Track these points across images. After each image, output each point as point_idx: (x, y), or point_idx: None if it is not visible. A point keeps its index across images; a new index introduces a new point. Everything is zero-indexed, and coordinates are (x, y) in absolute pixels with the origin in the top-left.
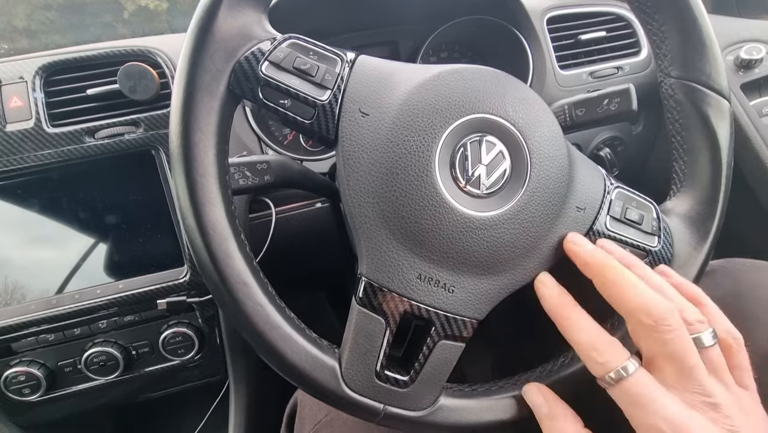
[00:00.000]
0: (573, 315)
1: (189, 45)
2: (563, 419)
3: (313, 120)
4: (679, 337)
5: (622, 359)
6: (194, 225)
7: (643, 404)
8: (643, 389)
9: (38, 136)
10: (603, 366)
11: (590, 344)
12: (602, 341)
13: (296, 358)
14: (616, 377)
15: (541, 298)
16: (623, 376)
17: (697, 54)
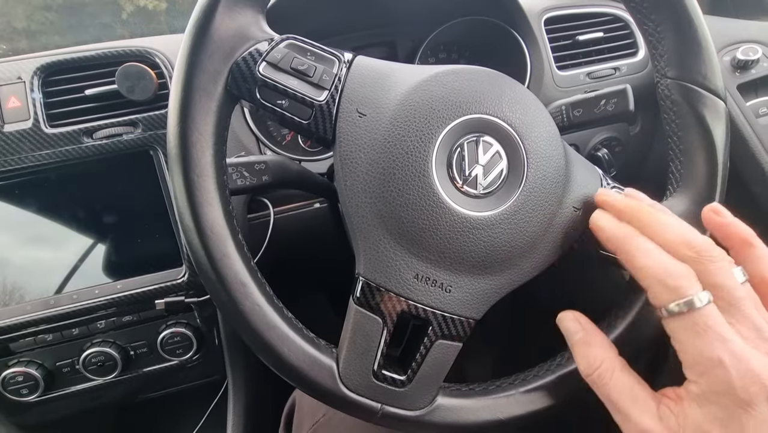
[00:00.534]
0: (639, 241)
1: (186, 46)
2: (599, 348)
3: (311, 120)
4: (724, 268)
5: (697, 288)
6: (192, 225)
7: (710, 336)
8: (713, 322)
9: (36, 136)
10: (675, 291)
11: (663, 268)
12: (676, 267)
13: (294, 358)
14: (686, 306)
15: (598, 232)
16: (694, 306)
17: (693, 55)
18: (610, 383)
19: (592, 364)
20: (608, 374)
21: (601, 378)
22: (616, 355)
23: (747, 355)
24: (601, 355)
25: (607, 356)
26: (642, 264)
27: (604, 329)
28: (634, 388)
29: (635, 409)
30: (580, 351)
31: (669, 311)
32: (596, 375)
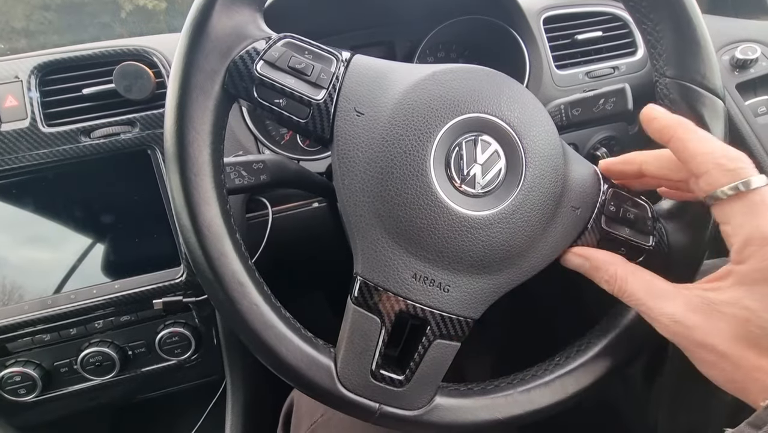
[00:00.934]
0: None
1: (183, 44)
2: (610, 266)
3: (308, 119)
4: None
5: (754, 171)
6: (189, 224)
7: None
8: None
9: (33, 135)
10: (734, 172)
11: (722, 151)
12: (735, 151)
13: (291, 357)
14: (744, 186)
15: (651, 121)
16: (751, 186)
17: (691, 54)
18: (627, 287)
19: (609, 282)
20: (624, 282)
21: (621, 288)
22: (626, 263)
23: None
24: (612, 270)
25: (618, 268)
26: (700, 149)
27: (603, 328)
28: (654, 282)
29: (659, 300)
30: (595, 278)
31: (724, 193)
32: (618, 287)
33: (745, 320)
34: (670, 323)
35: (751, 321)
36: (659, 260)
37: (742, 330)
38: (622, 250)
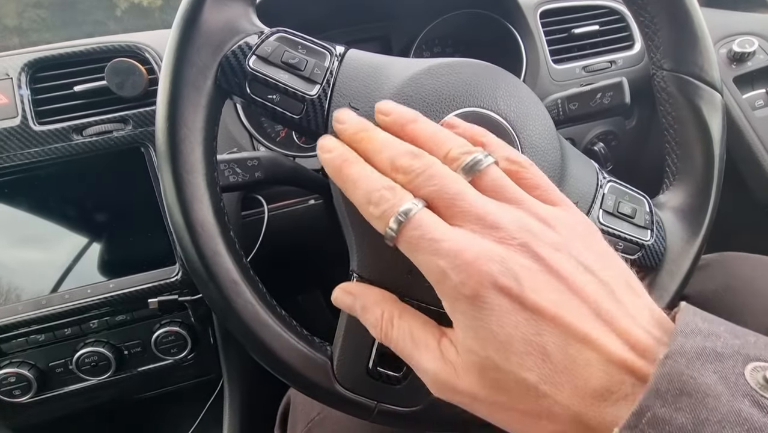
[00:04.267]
0: (353, 171)
1: (174, 39)
2: (375, 306)
3: (302, 115)
4: (432, 175)
5: (402, 201)
6: (182, 222)
7: (423, 246)
8: (423, 231)
9: (25, 134)
10: (382, 219)
11: (366, 197)
12: (377, 188)
13: (287, 356)
14: (397, 226)
15: (323, 165)
16: (402, 223)
17: (689, 46)
18: (392, 334)
19: (374, 326)
20: (390, 327)
21: (386, 336)
22: (394, 302)
23: (458, 248)
24: (378, 312)
25: (385, 309)
26: (354, 199)
27: None
28: (415, 331)
29: (416, 351)
30: (365, 321)
31: (388, 237)
32: (383, 335)
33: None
34: (429, 380)
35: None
36: (657, 256)
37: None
38: (620, 245)
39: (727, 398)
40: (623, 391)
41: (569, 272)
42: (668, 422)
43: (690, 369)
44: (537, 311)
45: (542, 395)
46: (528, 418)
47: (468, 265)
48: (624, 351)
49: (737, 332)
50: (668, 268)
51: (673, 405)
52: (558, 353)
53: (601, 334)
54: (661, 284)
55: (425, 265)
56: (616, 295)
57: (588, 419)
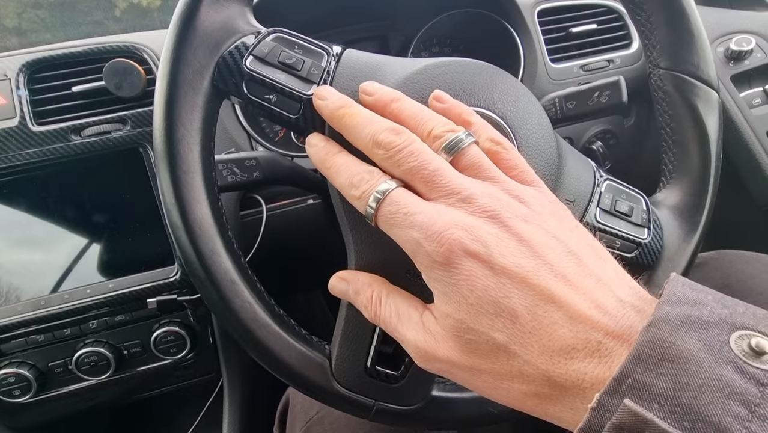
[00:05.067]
0: (335, 161)
1: (171, 39)
2: (366, 287)
3: (299, 115)
4: (411, 152)
5: (379, 181)
6: (179, 222)
7: (399, 220)
8: (398, 206)
9: (23, 134)
10: (362, 199)
11: (348, 181)
12: (357, 171)
13: (286, 355)
14: (375, 204)
15: (310, 158)
16: (381, 198)
17: (685, 45)
18: (380, 312)
19: (366, 307)
20: (378, 307)
21: (376, 315)
22: (382, 283)
23: (431, 219)
24: (368, 293)
25: (374, 290)
26: (337, 185)
27: None
28: (400, 306)
29: (400, 325)
30: (358, 304)
31: (368, 215)
32: (373, 315)
33: (455, 329)
34: (413, 350)
35: (457, 328)
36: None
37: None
38: (617, 243)
39: (710, 364)
40: (589, 348)
41: (536, 240)
42: (648, 387)
43: (673, 336)
44: (505, 275)
45: (512, 355)
46: (501, 380)
47: (439, 234)
48: (588, 309)
49: (726, 302)
50: (665, 266)
51: (654, 371)
52: (526, 314)
53: (566, 293)
54: (658, 282)
55: (402, 238)
56: (583, 260)
57: (556, 376)
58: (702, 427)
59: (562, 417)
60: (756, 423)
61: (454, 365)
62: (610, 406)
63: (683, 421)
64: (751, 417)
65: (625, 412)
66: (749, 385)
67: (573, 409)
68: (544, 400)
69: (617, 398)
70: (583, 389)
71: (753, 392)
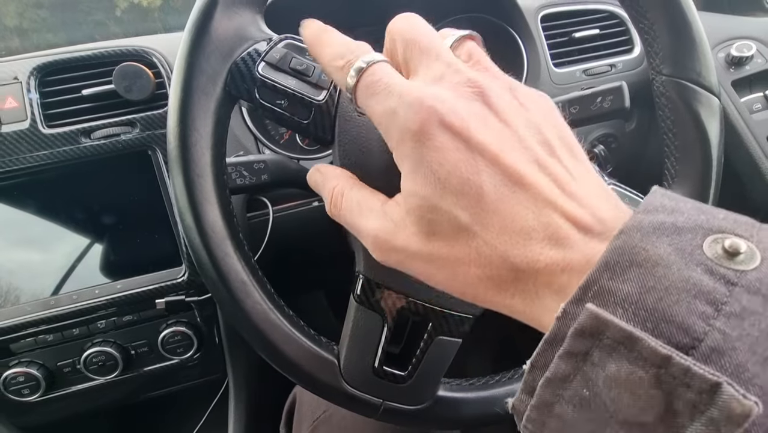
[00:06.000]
0: (327, 38)
1: (185, 46)
2: (330, 179)
3: (310, 120)
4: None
5: (364, 53)
6: (193, 225)
7: (377, 90)
8: (379, 75)
9: (34, 137)
10: (344, 69)
11: (334, 53)
12: (345, 43)
13: (295, 354)
14: (356, 75)
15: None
16: (363, 68)
17: (687, 52)
18: (342, 205)
19: (327, 198)
20: (339, 198)
21: (336, 207)
22: (347, 178)
23: (413, 88)
24: (331, 185)
25: (338, 183)
26: (320, 60)
27: None
28: (362, 199)
29: (360, 217)
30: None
31: (348, 87)
32: (333, 207)
33: (418, 207)
34: (370, 242)
35: (419, 207)
36: None
37: (423, 222)
38: None
39: (679, 267)
40: (549, 231)
41: (517, 124)
42: (613, 293)
43: (644, 242)
44: (478, 150)
45: (472, 235)
46: (459, 265)
47: (417, 102)
48: (552, 194)
49: (705, 209)
50: None
51: (621, 277)
52: (492, 192)
53: (536, 176)
54: None
55: (377, 109)
56: (560, 156)
57: (513, 256)
58: (665, 327)
59: (513, 303)
60: (721, 320)
61: (411, 254)
62: (575, 313)
63: (646, 323)
64: (717, 315)
65: (586, 316)
66: (718, 285)
67: (524, 292)
68: (498, 285)
69: (582, 305)
70: (536, 271)
71: (721, 291)
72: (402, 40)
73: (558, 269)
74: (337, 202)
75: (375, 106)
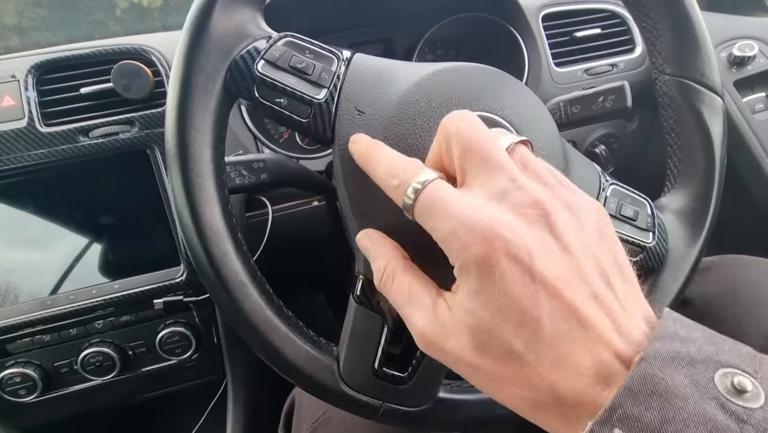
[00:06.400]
0: (378, 154)
1: (184, 44)
2: (383, 256)
3: (310, 119)
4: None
5: (420, 172)
6: (191, 225)
7: (437, 210)
8: (437, 195)
9: (31, 135)
10: (399, 188)
11: (387, 172)
12: (398, 163)
13: (294, 356)
14: (414, 195)
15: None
16: (419, 189)
17: (690, 51)
18: (392, 287)
19: (378, 273)
20: (390, 279)
21: (385, 286)
22: (400, 257)
23: (474, 211)
24: (384, 262)
25: (391, 260)
26: (376, 176)
27: None
28: (413, 286)
29: (410, 307)
30: (373, 267)
31: (406, 206)
32: (382, 284)
33: (474, 328)
34: (418, 335)
35: (475, 326)
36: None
37: (477, 340)
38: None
39: (695, 400)
40: (600, 370)
41: (579, 253)
42: (637, 419)
43: (663, 372)
44: (542, 282)
45: (525, 364)
46: (504, 384)
47: (482, 229)
48: (608, 332)
49: (714, 339)
50: (670, 270)
51: (643, 404)
52: (550, 326)
53: (593, 312)
54: (663, 286)
55: (438, 228)
56: (611, 281)
57: (560, 388)
58: None
59: (552, 424)
60: None
61: (459, 360)
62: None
63: None
64: None
65: None
66: (730, 421)
67: (565, 417)
68: (540, 407)
69: (608, 427)
70: (581, 404)
71: (733, 428)
72: (459, 143)
73: (601, 403)
74: (387, 282)
75: (436, 226)
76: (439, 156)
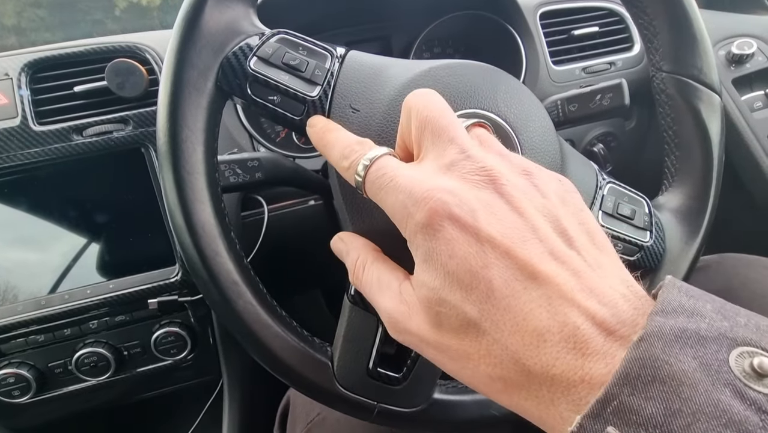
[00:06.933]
0: (331, 136)
1: (175, 41)
2: (354, 250)
3: (303, 116)
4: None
5: (368, 150)
6: (183, 224)
7: (384, 185)
8: (384, 170)
9: (24, 134)
10: (350, 169)
11: (340, 153)
12: (349, 143)
13: (288, 356)
14: (364, 172)
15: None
16: (368, 165)
17: (688, 49)
18: (363, 278)
19: (350, 268)
20: (361, 271)
21: (357, 278)
22: (371, 250)
23: (417, 181)
24: (355, 256)
25: (360, 253)
26: (330, 159)
27: None
28: (382, 274)
29: (379, 293)
30: (347, 264)
31: (357, 184)
32: (354, 277)
33: (427, 300)
34: (386, 320)
35: (429, 297)
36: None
37: (432, 313)
38: (619, 246)
39: (706, 387)
40: (565, 333)
41: (531, 213)
42: (636, 412)
43: (666, 354)
44: (489, 243)
45: (482, 333)
46: (468, 360)
47: (423, 196)
48: (572, 289)
49: (726, 312)
50: (667, 269)
51: (643, 393)
52: (503, 287)
53: (551, 270)
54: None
55: (388, 203)
56: (578, 246)
57: (525, 359)
58: None
59: (526, 406)
60: None
61: (422, 340)
62: (593, 431)
63: None
64: None
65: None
66: (749, 412)
67: (538, 398)
68: (509, 386)
69: (600, 422)
70: (551, 377)
71: (754, 420)
72: (416, 119)
73: (576, 378)
74: (359, 274)
75: (386, 200)
76: (403, 134)
